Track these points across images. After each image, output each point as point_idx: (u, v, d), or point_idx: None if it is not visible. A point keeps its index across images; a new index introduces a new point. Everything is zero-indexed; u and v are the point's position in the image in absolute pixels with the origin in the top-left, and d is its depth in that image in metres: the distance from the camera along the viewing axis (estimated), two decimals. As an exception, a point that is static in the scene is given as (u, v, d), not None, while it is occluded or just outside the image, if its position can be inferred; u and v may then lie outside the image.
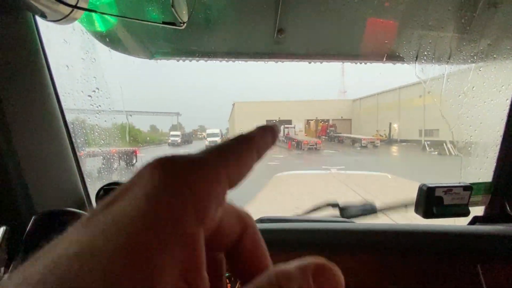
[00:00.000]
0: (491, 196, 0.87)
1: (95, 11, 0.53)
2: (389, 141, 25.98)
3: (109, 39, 0.79)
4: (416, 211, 0.85)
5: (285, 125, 30.84)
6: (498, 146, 0.86)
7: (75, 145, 0.73)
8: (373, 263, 0.61)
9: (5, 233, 0.52)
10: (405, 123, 25.43)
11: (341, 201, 0.92)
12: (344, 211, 0.88)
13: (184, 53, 0.97)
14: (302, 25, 0.93)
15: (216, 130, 28.35)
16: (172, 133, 33.70)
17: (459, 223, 0.88)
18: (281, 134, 30.91)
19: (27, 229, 0.50)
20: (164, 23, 0.56)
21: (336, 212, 0.89)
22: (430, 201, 0.81)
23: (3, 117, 0.55)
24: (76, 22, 0.65)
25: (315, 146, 21.92)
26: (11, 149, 0.56)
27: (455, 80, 0.93)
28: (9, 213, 0.55)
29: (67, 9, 0.56)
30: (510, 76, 0.82)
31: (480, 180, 0.89)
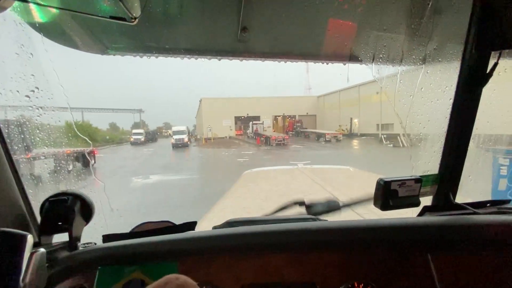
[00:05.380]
0: (438, 186, 0.96)
1: (27, 1, 0.46)
2: (351, 135, 27.65)
3: (53, 31, 0.69)
4: (375, 204, 0.90)
5: (254, 121, 31.02)
6: (443, 141, 0.95)
7: (11, 151, 0.63)
8: (338, 260, 0.64)
9: None
10: (364, 118, 27.19)
11: (307, 199, 0.94)
12: (310, 209, 0.90)
13: (141, 49, 0.90)
14: (266, 24, 0.93)
15: (182, 127, 27.36)
16: (134, 131, 31.84)
17: (414, 213, 0.97)
18: (250, 130, 31.06)
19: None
20: (112, 17, 0.51)
21: (303, 209, 0.91)
22: (386, 194, 0.87)
23: None
24: (8, 11, 0.56)
25: (283, 142, 22.53)
26: None
27: (406, 81, 1.00)
28: None
29: (-8, -4, 0.48)
30: (452, 78, 0.91)
31: (429, 172, 0.98)
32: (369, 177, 3.61)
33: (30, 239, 0.42)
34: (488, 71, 0.87)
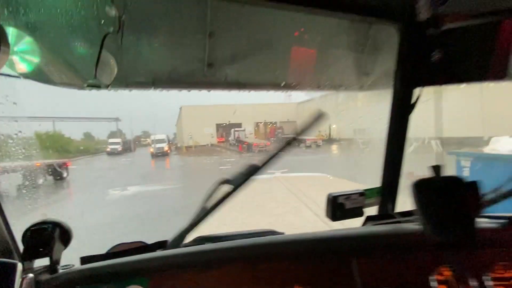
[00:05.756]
0: (381, 198, 1.13)
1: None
2: (330, 140, 28.52)
3: (34, 74, 0.78)
4: (326, 215, 1.05)
5: (235, 129, 31.08)
6: (383, 159, 1.12)
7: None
8: (287, 268, 0.76)
9: None
10: (342, 123, 28.11)
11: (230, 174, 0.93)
12: (233, 182, 0.90)
13: (117, 84, 0.99)
14: (228, 61, 1.06)
15: (162, 136, 26.79)
16: (111, 140, 30.59)
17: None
18: (232, 137, 31.06)
19: None
20: (89, 85, 0.61)
21: (229, 187, 0.92)
22: (335, 207, 1.01)
23: None
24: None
25: (264, 148, 22.77)
26: None
27: (352, 108, 1.17)
28: None
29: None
30: (387, 106, 1.09)
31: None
32: (341, 183, 3.84)
33: (19, 266, 0.49)
34: (413, 101, 1.05)
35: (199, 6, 0.83)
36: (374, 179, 1.16)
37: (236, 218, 2.20)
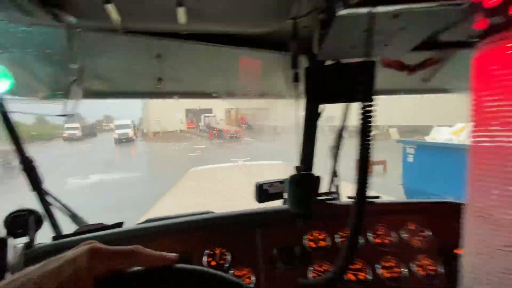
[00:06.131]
0: None
1: None
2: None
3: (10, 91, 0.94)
4: (255, 199, 1.36)
5: (206, 114, 30.59)
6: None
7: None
8: (212, 236, 1.06)
9: None
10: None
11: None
12: None
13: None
14: (175, 75, 1.28)
15: (127, 121, 25.43)
16: (68, 125, 28.20)
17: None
18: (202, 123, 30.55)
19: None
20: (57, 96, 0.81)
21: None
22: (261, 192, 1.33)
23: None
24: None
25: (235, 135, 22.95)
26: None
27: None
28: None
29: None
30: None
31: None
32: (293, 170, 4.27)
33: (10, 240, 0.71)
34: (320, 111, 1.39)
35: (148, 38, 1.03)
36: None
37: (197, 203, 2.47)
